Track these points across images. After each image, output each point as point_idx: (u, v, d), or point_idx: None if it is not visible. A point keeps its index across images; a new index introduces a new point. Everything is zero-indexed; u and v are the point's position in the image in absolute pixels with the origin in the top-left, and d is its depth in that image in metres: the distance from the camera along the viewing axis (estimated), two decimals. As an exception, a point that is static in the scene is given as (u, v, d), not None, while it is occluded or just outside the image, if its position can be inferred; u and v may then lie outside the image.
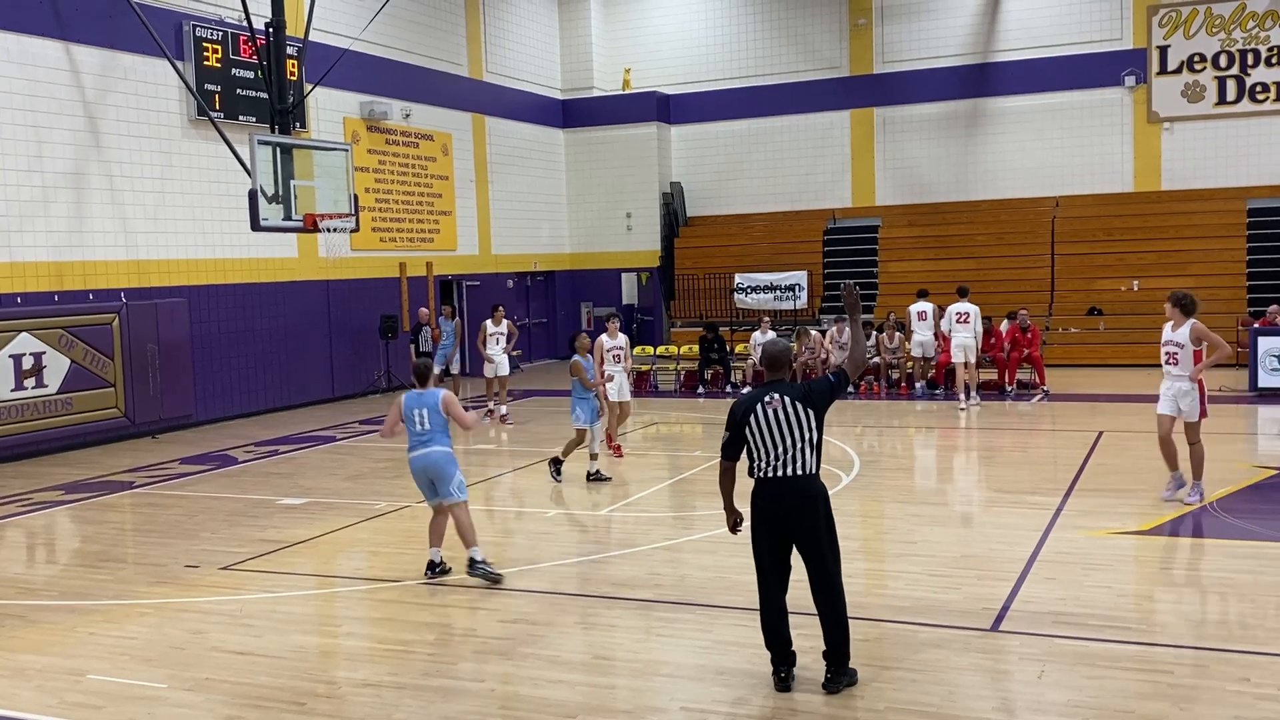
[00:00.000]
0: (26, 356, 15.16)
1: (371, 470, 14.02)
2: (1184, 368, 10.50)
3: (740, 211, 28.61)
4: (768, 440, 6.28)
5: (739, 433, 6.38)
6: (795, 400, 6.33)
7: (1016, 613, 7.60)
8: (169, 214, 17.63)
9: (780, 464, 6.28)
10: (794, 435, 6.27)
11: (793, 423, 6.28)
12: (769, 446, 6.29)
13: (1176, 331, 10.55)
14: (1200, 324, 10.47)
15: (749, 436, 6.34)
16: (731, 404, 6.55)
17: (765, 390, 6.42)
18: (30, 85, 15.56)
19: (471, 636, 7.50)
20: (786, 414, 6.28)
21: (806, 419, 6.29)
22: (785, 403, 6.30)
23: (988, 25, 26.24)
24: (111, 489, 13.22)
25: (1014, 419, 17.09)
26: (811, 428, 6.30)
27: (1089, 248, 24.72)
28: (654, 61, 28.96)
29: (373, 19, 20.01)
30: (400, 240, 22.85)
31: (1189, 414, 10.57)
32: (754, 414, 6.33)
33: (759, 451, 6.33)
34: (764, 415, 6.30)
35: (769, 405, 6.31)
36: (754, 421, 6.32)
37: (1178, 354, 10.55)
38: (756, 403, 6.36)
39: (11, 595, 8.88)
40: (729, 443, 6.45)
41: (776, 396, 6.32)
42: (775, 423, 6.28)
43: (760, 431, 6.30)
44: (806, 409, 6.30)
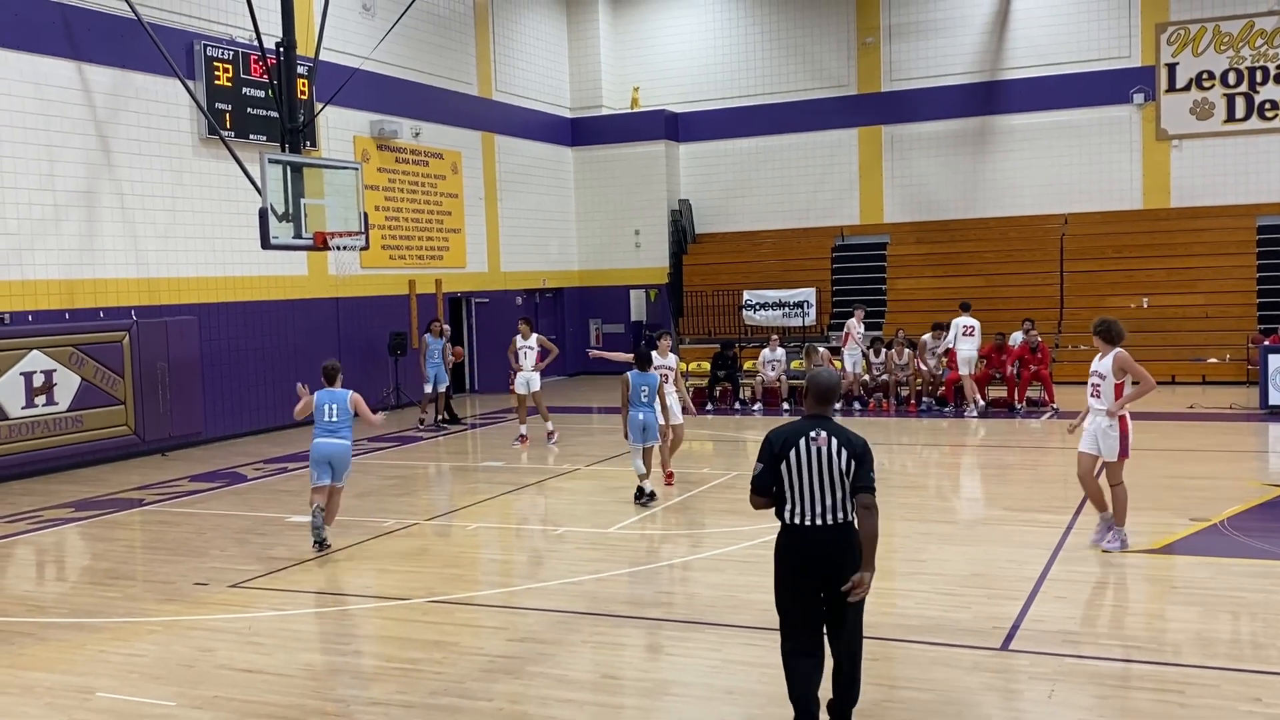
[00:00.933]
0: (37, 374, 15.21)
1: (379, 488, 14.03)
2: (1105, 401, 9.60)
3: (748, 229, 28.65)
4: (805, 483, 5.61)
5: (774, 467, 5.68)
6: (842, 446, 5.64)
7: (1026, 632, 7.57)
8: (180, 232, 17.71)
9: (820, 510, 5.61)
10: (835, 481, 5.60)
11: (834, 469, 5.60)
12: (807, 490, 5.61)
13: (1100, 361, 9.66)
14: (1125, 355, 9.54)
15: (784, 474, 5.65)
16: (768, 432, 5.80)
17: (810, 425, 5.69)
18: (43, 105, 15.67)
19: (479, 655, 7.49)
20: (831, 458, 5.60)
21: (846, 470, 5.59)
22: (832, 445, 5.62)
23: (995, 43, 26.30)
24: (121, 506, 13.25)
25: (1024, 437, 17.05)
26: (850, 476, 5.60)
27: (1098, 265, 24.70)
28: (662, 80, 29.07)
29: (383, 39, 20.12)
30: (410, 258, 22.92)
31: (1107, 454, 9.61)
32: (796, 450, 5.63)
33: (795, 494, 5.64)
34: (806, 454, 5.61)
35: (814, 443, 5.62)
36: (793, 459, 5.63)
37: (1100, 386, 9.63)
38: (800, 438, 5.64)
39: (21, 613, 8.89)
40: (763, 476, 5.72)
41: (823, 435, 5.63)
42: (818, 465, 5.61)
43: (799, 472, 5.61)
44: (850, 460, 5.61)
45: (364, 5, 21.62)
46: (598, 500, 12.99)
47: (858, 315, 20.60)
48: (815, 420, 5.73)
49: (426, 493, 14.20)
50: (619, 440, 17.64)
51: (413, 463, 16.14)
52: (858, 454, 5.63)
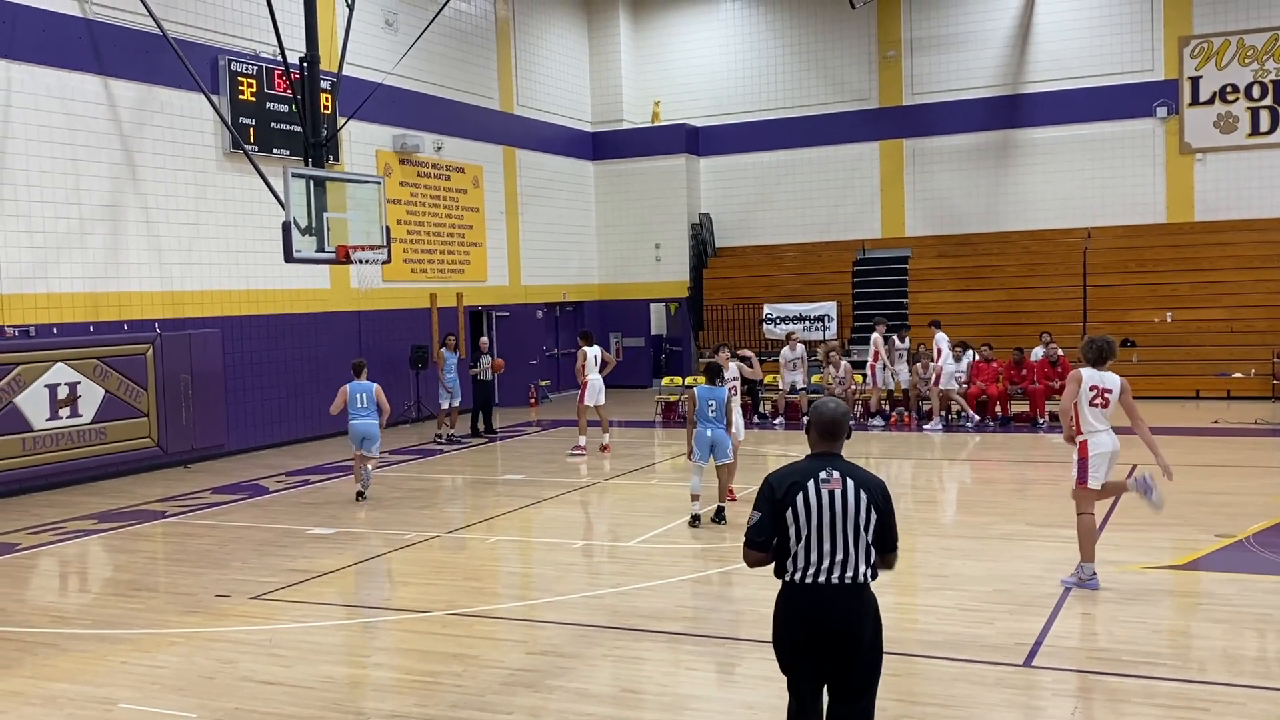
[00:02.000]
0: (62, 386, 15.33)
1: (400, 500, 14.05)
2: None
3: (769, 242, 28.63)
4: (816, 533, 4.73)
5: (777, 516, 4.79)
6: (861, 488, 4.79)
7: (1049, 648, 7.52)
8: (203, 246, 17.83)
9: (829, 567, 4.74)
10: (853, 531, 4.74)
11: (853, 517, 4.75)
12: (818, 542, 4.74)
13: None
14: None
15: (790, 524, 4.76)
16: (767, 475, 4.93)
17: (819, 464, 4.83)
18: (69, 119, 15.82)
19: (499, 668, 7.48)
20: (848, 504, 4.75)
21: (868, 515, 4.76)
22: (849, 488, 4.77)
23: (1018, 57, 26.24)
24: (144, 518, 13.32)
25: (1046, 451, 16.95)
26: (871, 527, 4.77)
27: (1121, 279, 24.57)
28: (683, 94, 29.12)
29: (405, 53, 20.24)
30: (431, 271, 23.00)
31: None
32: (804, 494, 4.76)
33: (802, 547, 4.75)
34: (816, 498, 4.75)
35: (825, 485, 4.76)
36: (801, 505, 4.75)
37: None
38: (808, 479, 4.78)
39: (44, 623, 8.94)
40: (761, 528, 4.82)
41: (836, 476, 4.79)
42: (830, 512, 4.74)
43: (809, 520, 4.74)
44: (872, 507, 4.77)
45: (387, 20, 21.76)
46: (618, 514, 12.98)
47: (880, 329, 20.49)
48: (824, 459, 4.88)
49: (447, 505, 14.22)
50: (639, 454, 17.69)
51: (433, 475, 16.17)
52: (880, 501, 4.81)
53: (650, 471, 15.90)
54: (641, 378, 28.26)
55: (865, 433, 19.06)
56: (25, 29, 15.24)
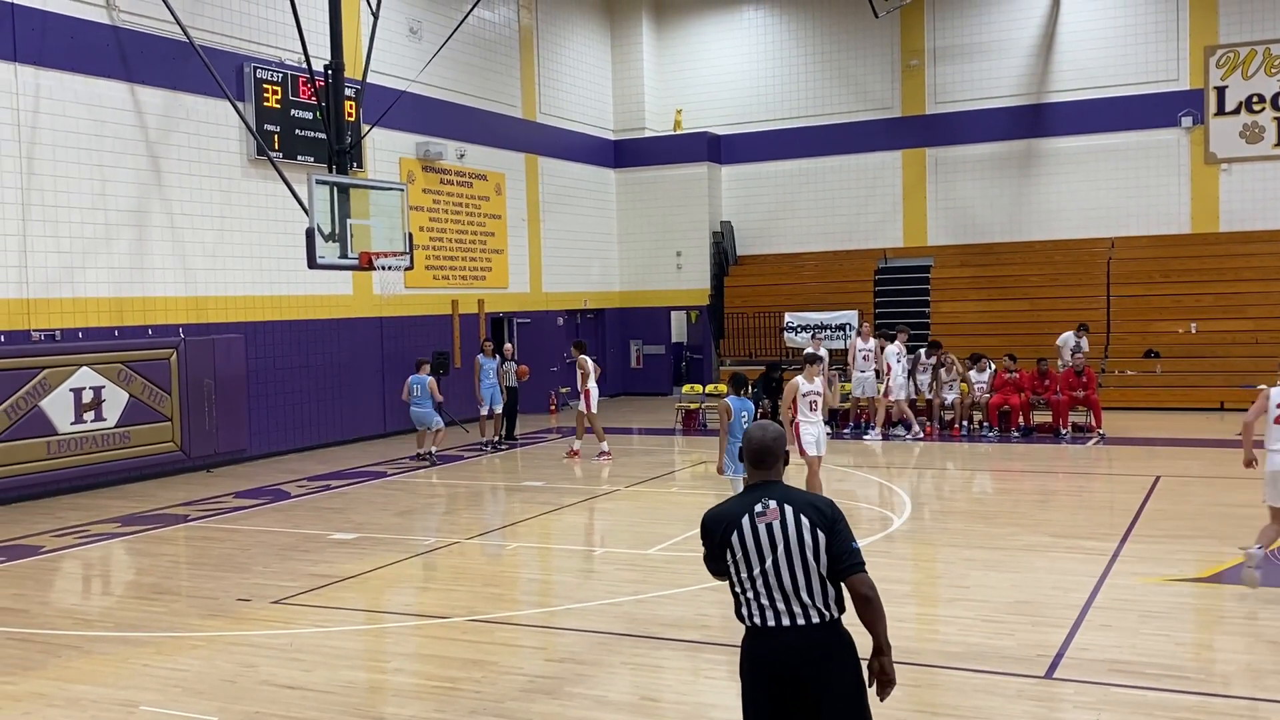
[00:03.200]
0: (86, 390, 15.45)
1: (422, 506, 14.09)
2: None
3: (790, 251, 28.60)
4: (761, 573, 4.31)
5: (720, 557, 4.46)
6: (801, 513, 4.34)
7: (1071, 660, 7.47)
8: (228, 251, 17.94)
9: (781, 607, 4.30)
10: (801, 563, 4.29)
11: (798, 548, 4.30)
12: (764, 582, 4.32)
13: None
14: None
15: (732, 566, 4.39)
16: (703, 515, 4.55)
17: (754, 496, 4.43)
18: (96, 125, 15.96)
19: (518, 674, 7.49)
20: (790, 534, 4.31)
21: (814, 540, 4.30)
22: (787, 517, 4.34)
23: (1041, 66, 26.15)
24: (166, 522, 13.40)
25: (1069, 462, 16.86)
26: (822, 555, 4.30)
27: (1145, 289, 24.43)
28: (705, 102, 29.14)
29: (429, 61, 20.34)
30: (453, 278, 23.08)
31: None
32: (739, 532, 4.36)
33: (751, 589, 4.35)
34: (753, 533, 4.33)
35: (761, 518, 4.35)
36: (738, 543, 4.35)
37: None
38: (743, 516, 4.38)
39: (67, 626, 9.01)
40: (709, 556, 4.55)
41: (773, 505, 4.36)
42: (772, 545, 4.31)
43: (748, 557, 4.33)
44: (816, 530, 4.31)
45: (411, 29, 21.87)
46: (637, 521, 12.98)
47: (901, 338, 20.39)
48: (760, 489, 4.44)
49: (467, 511, 14.26)
50: (659, 461, 17.69)
51: (454, 481, 16.21)
52: (827, 521, 4.33)
53: (670, 479, 15.89)
54: (662, 385, 28.27)
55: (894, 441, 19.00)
56: (54, 36, 15.40)
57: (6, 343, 14.73)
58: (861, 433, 19.87)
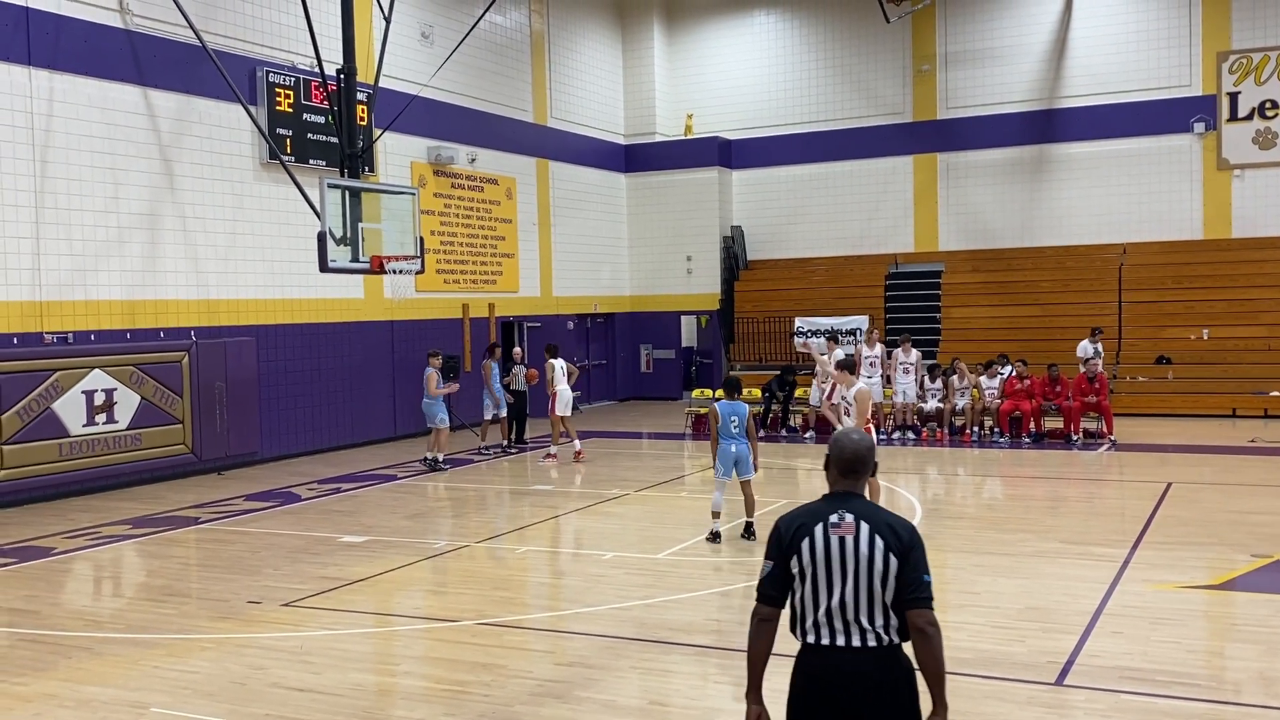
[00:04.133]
0: (98, 392, 15.50)
1: (431, 509, 14.11)
2: None
3: (801, 255, 28.58)
4: (825, 587, 4.09)
5: (784, 565, 4.15)
6: (877, 535, 4.08)
7: (1082, 667, 7.45)
8: (239, 254, 18.00)
9: (839, 625, 4.07)
10: (869, 586, 4.05)
11: (867, 568, 4.05)
12: (828, 596, 4.08)
13: None
14: None
15: (796, 574, 4.14)
16: (777, 519, 4.30)
17: (832, 506, 4.17)
18: (109, 129, 16.03)
19: (527, 678, 7.49)
20: (861, 552, 4.06)
21: (885, 570, 4.04)
22: (863, 534, 4.08)
23: (1054, 71, 26.10)
24: (177, 524, 13.43)
25: (1080, 468, 16.81)
26: (890, 581, 4.04)
27: (1157, 295, 24.35)
28: (716, 107, 29.15)
29: (441, 66, 20.38)
30: (464, 282, 23.11)
31: None
32: (810, 540, 4.12)
33: (811, 602, 4.11)
34: (825, 546, 4.10)
35: (835, 530, 4.10)
36: (806, 552, 4.11)
37: None
38: (816, 524, 4.13)
39: (79, 627, 9.03)
40: (771, 579, 4.19)
41: (850, 520, 4.11)
42: (841, 559, 4.08)
43: (815, 568, 4.10)
44: (890, 554, 4.05)
45: (423, 33, 21.92)
46: (646, 526, 12.97)
47: (904, 345, 20.44)
48: (840, 500, 4.19)
49: (477, 515, 14.27)
50: (668, 466, 17.69)
51: (463, 485, 16.22)
52: (903, 548, 4.07)
53: (680, 484, 15.88)
54: (672, 390, 28.26)
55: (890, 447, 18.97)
56: (68, 40, 15.47)
57: (19, 345, 14.79)
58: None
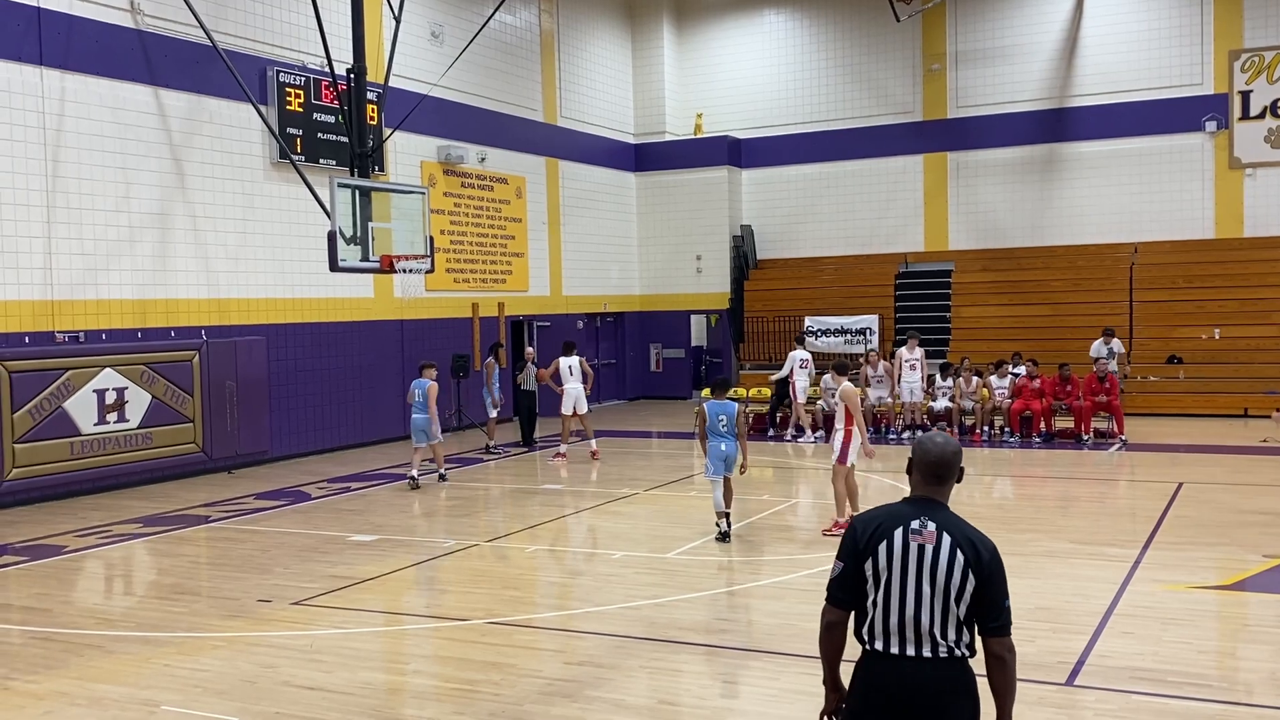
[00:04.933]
0: (109, 391, 15.55)
1: (441, 509, 14.12)
2: None
3: (811, 254, 28.54)
4: (897, 593, 3.92)
5: (857, 567, 4.00)
6: (959, 549, 3.91)
7: (1092, 667, 7.43)
8: (250, 254, 18.04)
9: (910, 635, 3.91)
10: (942, 599, 3.88)
11: (942, 577, 3.89)
12: (897, 604, 3.92)
13: None
14: None
15: (870, 578, 3.97)
16: (854, 518, 4.28)
17: (915, 511, 4.01)
18: (120, 128, 16.07)
19: (537, 677, 7.50)
20: (939, 564, 3.89)
21: (961, 588, 3.87)
22: (943, 546, 3.91)
23: (1064, 70, 26.02)
24: (188, 523, 13.47)
25: (1090, 468, 16.76)
26: (965, 598, 3.88)
27: (1168, 295, 24.27)
28: (726, 106, 29.13)
29: (451, 65, 20.39)
30: (474, 281, 23.14)
31: None
32: (889, 543, 3.95)
33: (881, 609, 3.95)
34: (903, 552, 3.93)
35: (915, 537, 3.94)
36: (883, 556, 3.95)
37: None
38: (897, 527, 3.97)
39: (90, 625, 9.06)
40: (841, 581, 4.04)
41: (931, 529, 3.94)
42: (918, 568, 3.91)
43: (890, 574, 3.93)
44: (969, 571, 3.88)
45: (433, 33, 21.94)
46: (656, 525, 12.97)
47: (910, 343, 20.49)
48: (922, 505, 4.03)
49: (486, 514, 14.28)
50: (678, 465, 17.69)
51: (474, 484, 16.24)
52: (984, 569, 3.89)
53: (689, 483, 15.87)
54: (682, 389, 28.25)
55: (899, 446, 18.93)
56: (79, 39, 15.52)
57: (31, 344, 14.85)
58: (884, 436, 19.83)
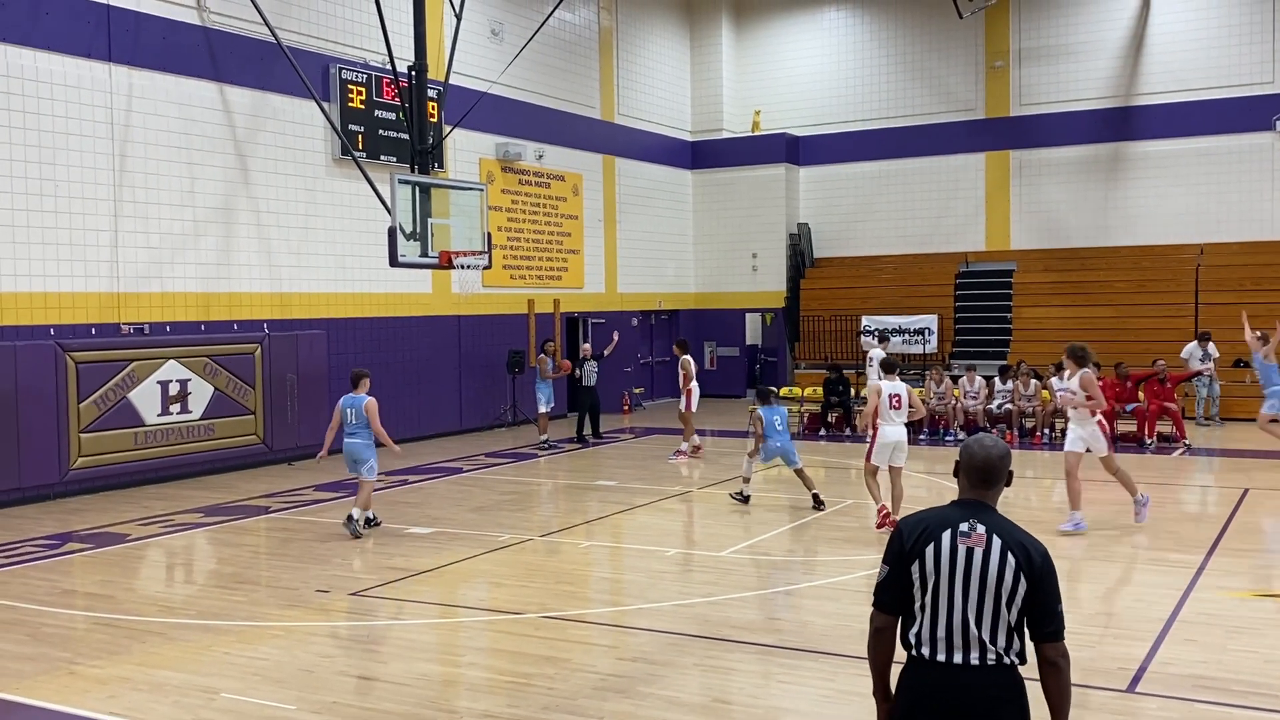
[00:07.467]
0: (173, 383, 15.81)
1: (496, 503, 14.20)
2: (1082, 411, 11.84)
3: (869, 253, 28.33)
4: (946, 598, 3.84)
5: (903, 571, 3.92)
6: (1010, 552, 3.83)
7: (1154, 675, 7.30)
8: (311, 249, 18.25)
9: (958, 641, 3.83)
10: (993, 604, 3.81)
11: (994, 586, 3.81)
12: (948, 610, 3.84)
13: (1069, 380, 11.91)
14: (1090, 376, 11.69)
15: (916, 582, 3.89)
16: (899, 521, 4.20)
17: (963, 515, 3.93)
18: (186, 124, 16.34)
19: (590, 672, 7.51)
20: (989, 568, 3.82)
21: (1013, 592, 3.81)
22: (994, 549, 3.84)
23: (1130, 68, 25.59)
24: (248, 513, 13.66)
25: (1153, 473, 16.46)
26: (1017, 603, 3.82)
27: (1235, 297, 23.72)
28: (784, 103, 28.99)
29: (510, 63, 20.49)
30: (530, 277, 23.24)
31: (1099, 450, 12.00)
32: (936, 546, 3.87)
33: (928, 614, 3.87)
34: (951, 556, 3.85)
35: (964, 541, 3.86)
36: (930, 559, 3.87)
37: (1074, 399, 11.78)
38: (944, 530, 3.89)
39: (152, 612, 9.22)
40: (887, 585, 3.97)
41: (981, 531, 3.87)
42: (966, 574, 3.83)
43: (937, 580, 3.85)
44: (1020, 574, 3.81)
45: (493, 30, 22.06)
46: (710, 523, 12.95)
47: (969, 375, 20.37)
48: (970, 508, 3.95)
49: (541, 509, 14.34)
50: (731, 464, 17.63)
51: (528, 479, 16.31)
52: (1036, 572, 3.83)
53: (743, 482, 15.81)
54: (736, 388, 28.17)
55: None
56: (147, 36, 15.79)
57: (97, 335, 15.14)
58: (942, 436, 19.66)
